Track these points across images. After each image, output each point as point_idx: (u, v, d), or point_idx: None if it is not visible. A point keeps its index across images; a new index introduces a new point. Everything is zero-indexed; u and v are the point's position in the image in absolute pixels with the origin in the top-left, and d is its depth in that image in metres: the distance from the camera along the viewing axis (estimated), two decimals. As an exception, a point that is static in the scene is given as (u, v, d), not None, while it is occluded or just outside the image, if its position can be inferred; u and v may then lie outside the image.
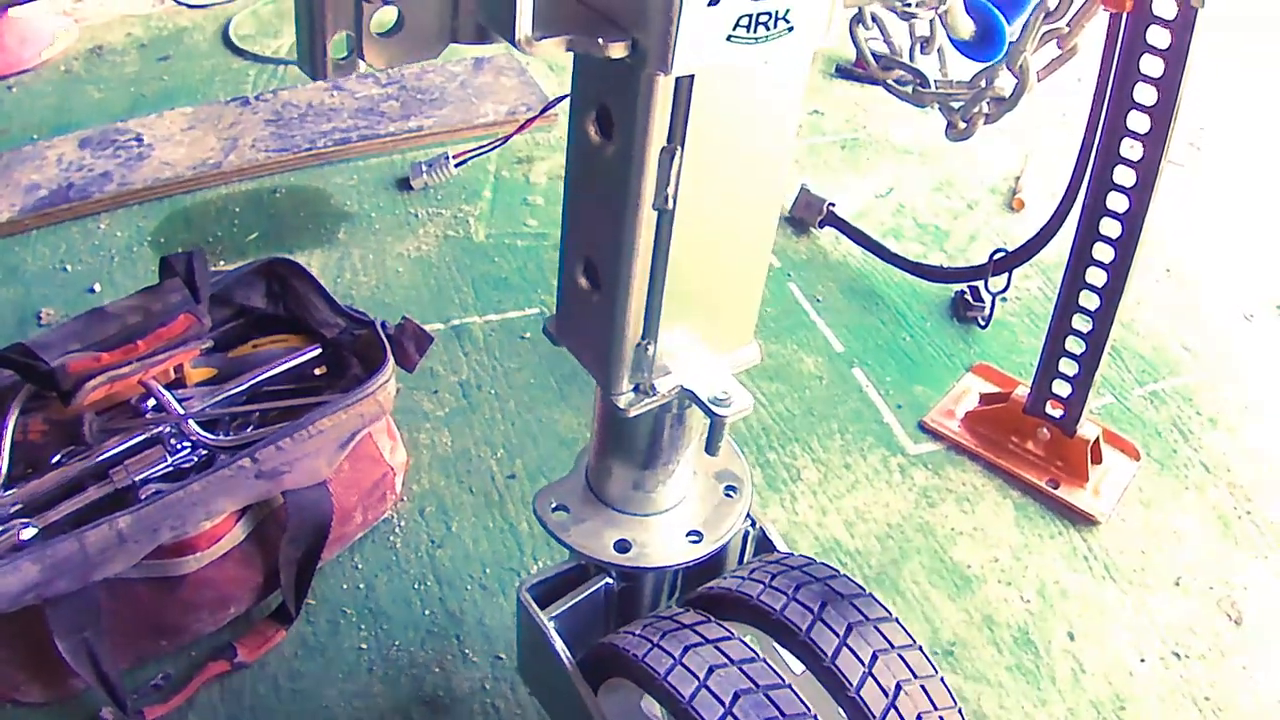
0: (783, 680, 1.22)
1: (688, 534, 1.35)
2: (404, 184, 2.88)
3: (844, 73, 3.55)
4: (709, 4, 0.85)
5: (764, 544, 1.52)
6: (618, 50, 0.88)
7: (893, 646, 1.28)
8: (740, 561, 1.53)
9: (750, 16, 0.88)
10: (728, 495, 1.39)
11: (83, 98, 3.18)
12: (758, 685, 1.20)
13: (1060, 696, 1.88)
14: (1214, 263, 2.98)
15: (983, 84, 1.93)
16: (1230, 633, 2.01)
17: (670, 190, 0.99)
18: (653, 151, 0.97)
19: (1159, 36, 1.77)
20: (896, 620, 1.31)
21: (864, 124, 3.37)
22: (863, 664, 1.25)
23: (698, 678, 1.21)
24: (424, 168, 2.88)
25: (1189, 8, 1.71)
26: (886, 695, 1.24)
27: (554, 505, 1.36)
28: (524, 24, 0.86)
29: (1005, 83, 1.91)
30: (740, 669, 1.22)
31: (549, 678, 1.46)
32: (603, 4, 0.89)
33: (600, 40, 0.88)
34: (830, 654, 1.25)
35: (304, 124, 3.03)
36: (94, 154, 2.88)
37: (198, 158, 2.88)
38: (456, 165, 2.90)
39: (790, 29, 0.92)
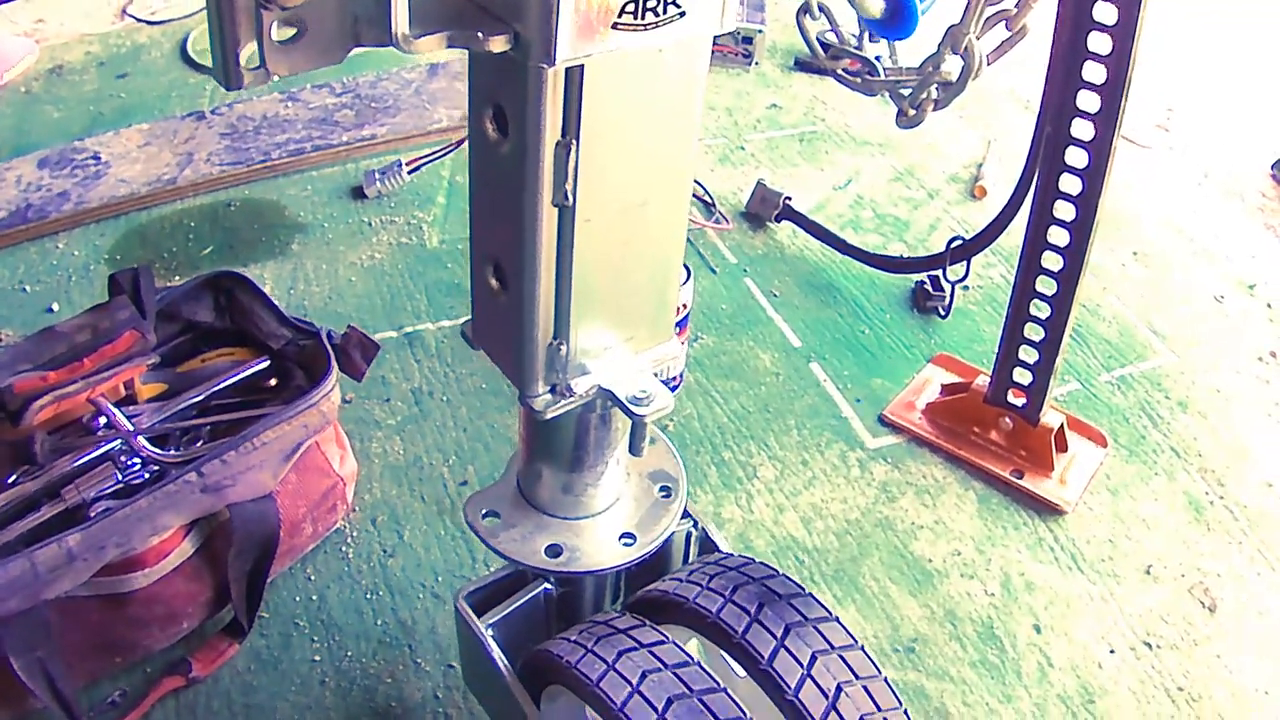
0: (718, 684, 1.19)
1: (620, 537, 1.32)
2: (358, 193, 2.87)
3: (803, 65, 3.54)
4: (590, -9, 0.83)
5: (707, 544, 1.50)
6: (499, 44, 0.86)
7: (833, 647, 1.26)
8: (684, 563, 1.52)
9: (637, 2, 0.86)
10: (662, 496, 1.37)
11: (42, 118, 3.17)
12: (691, 690, 1.18)
13: (1026, 691, 1.85)
14: (1183, 244, 2.98)
15: (930, 69, 1.92)
16: (1204, 621, 1.99)
17: (569, 186, 0.96)
18: (547, 147, 0.94)
19: (1105, 12, 1.75)
20: (837, 620, 1.29)
21: (822, 116, 3.37)
22: (801, 665, 1.23)
23: (630, 683, 1.19)
24: (377, 176, 2.87)
25: (1136, -20, 1.69)
26: (826, 697, 1.22)
27: (484, 511, 1.34)
28: (400, 21, 0.84)
29: (953, 67, 1.90)
30: (674, 673, 1.20)
31: (491, 686, 1.45)
32: (482, -6, 0.87)
33: (480, 34, 0.85)
34: (767, 656, 1.23)
35: (259, 136, 3.02)
36: (52, 174, 2.86)
37: (153, 174, 2.87)
38: (410, 172, 2.89)
39: (682, 14, 0.89)
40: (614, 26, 0.86)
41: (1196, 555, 2.10)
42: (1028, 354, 2.13)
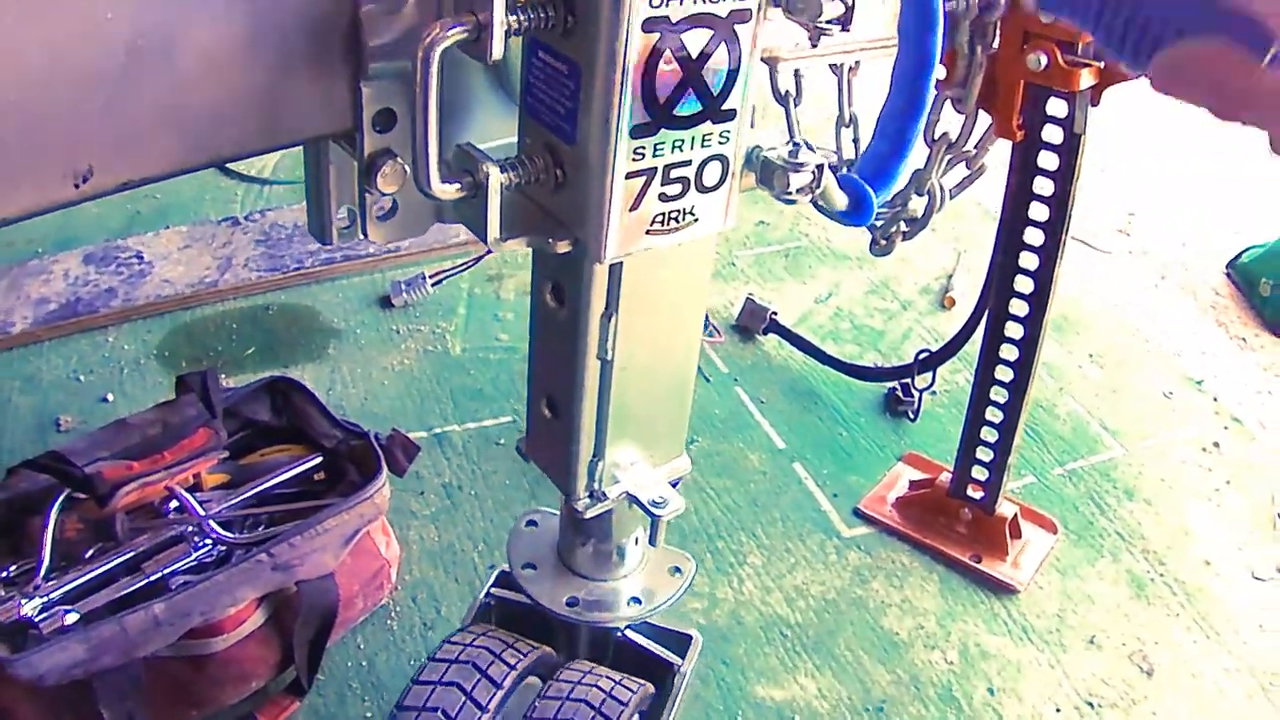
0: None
1: (568, 602, 1.56)
2: (385, 302, 3.06)
3: (788, 183, 3.72)
4: (630, 209, 1.10)
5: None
6: (563, 247, 1.13)
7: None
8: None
9: (664, 214, 1.13)
10: (631, 604, 1.59)
11: (81, 213, 3.20)
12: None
13: (981, 746, 2.08)
14: (1138, 344, 3.21)
15: (899, 207, 2.15)
16: (1141, 683, 2.20)
17: (610, 345, 1.24)
18: (595, 317, 1.22)
19: (1048, 159, 2.00)
20: None
21: (806, 232, 3.58)
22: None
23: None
24: (403, 286, 3.05)
25: (1073, 134, 1.93)
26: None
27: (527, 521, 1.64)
28: (494, 230, 1.10)
29: (918, 205, 2.13)
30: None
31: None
32: (552, 209, 1.15)
33: (550, 240, 1.13)
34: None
35: (291, 244, 3.19)
36: (98, 270, 3.03)
37: (195, 276, 3.04)
38: (433, 284, 3.08)
39: (696, 220, 1.17)
40: (647, 232, 1.13)
41: (1137, 626, 2.32)
42: (984, 454, 2.35)
